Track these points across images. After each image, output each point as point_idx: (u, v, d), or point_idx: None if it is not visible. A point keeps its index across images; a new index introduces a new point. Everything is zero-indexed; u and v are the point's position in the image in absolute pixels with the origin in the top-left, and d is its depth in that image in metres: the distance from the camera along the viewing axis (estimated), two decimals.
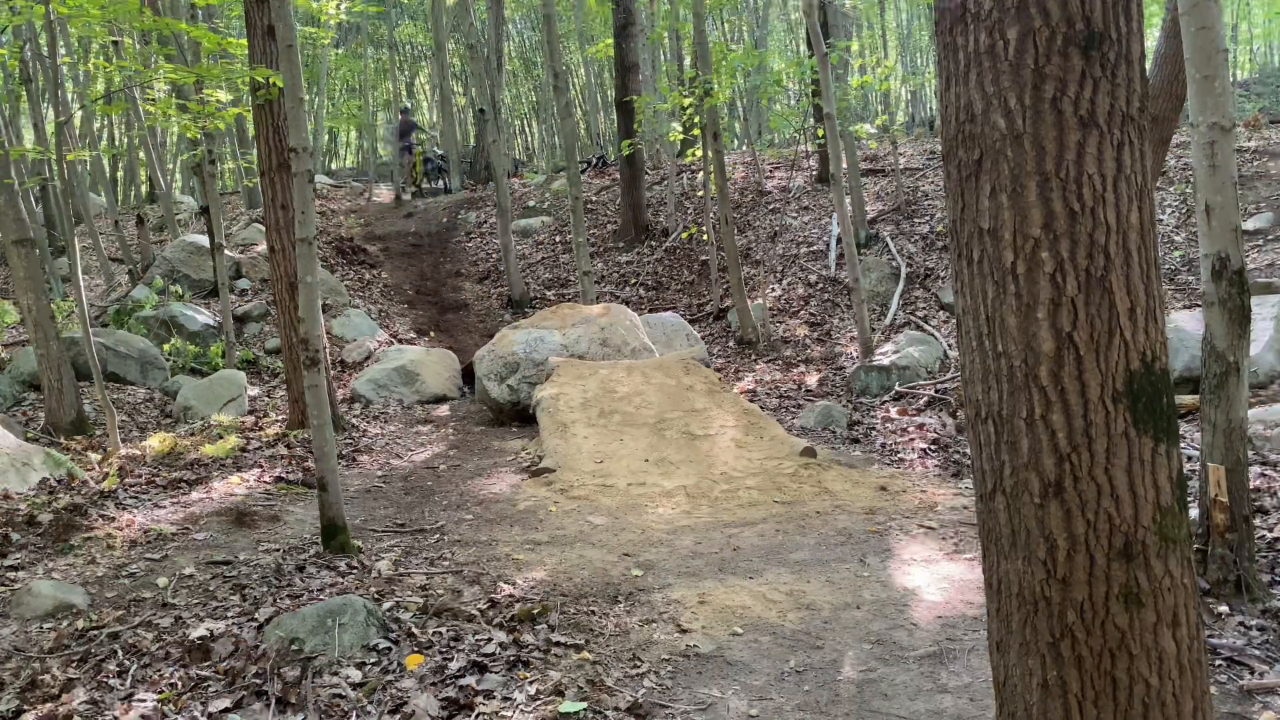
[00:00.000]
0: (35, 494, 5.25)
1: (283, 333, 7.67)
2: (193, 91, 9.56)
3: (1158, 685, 1.76)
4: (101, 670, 3.09)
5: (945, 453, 6.56)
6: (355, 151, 33.48)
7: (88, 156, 14.97)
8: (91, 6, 6.44)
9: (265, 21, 7.15)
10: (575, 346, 8.61)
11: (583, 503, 5.63)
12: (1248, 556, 3.49)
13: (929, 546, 4.66)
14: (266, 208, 7.54)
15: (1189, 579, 1.80)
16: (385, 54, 24.78)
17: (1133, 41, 1.74)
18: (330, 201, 17.97)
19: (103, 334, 9.39)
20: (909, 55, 28.07)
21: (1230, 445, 3.47)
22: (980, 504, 1.92)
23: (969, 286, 1.85)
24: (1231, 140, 3.49)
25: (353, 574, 4.16)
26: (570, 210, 11.16)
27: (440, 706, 2.87)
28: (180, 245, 12.46)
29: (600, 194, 16.62)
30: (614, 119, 17.58)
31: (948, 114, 1.86)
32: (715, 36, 19.32)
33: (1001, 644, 1.91)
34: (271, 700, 2.85)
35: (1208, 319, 3.51)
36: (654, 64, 20.23)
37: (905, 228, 12.01)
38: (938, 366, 8.88)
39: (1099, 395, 1.73)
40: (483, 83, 15.51)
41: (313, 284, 4.62)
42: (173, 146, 22.96)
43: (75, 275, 6.65)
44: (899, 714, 2.95)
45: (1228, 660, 3.10)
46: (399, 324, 12.31)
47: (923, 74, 25.10)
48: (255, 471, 6.10)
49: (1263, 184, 10.64)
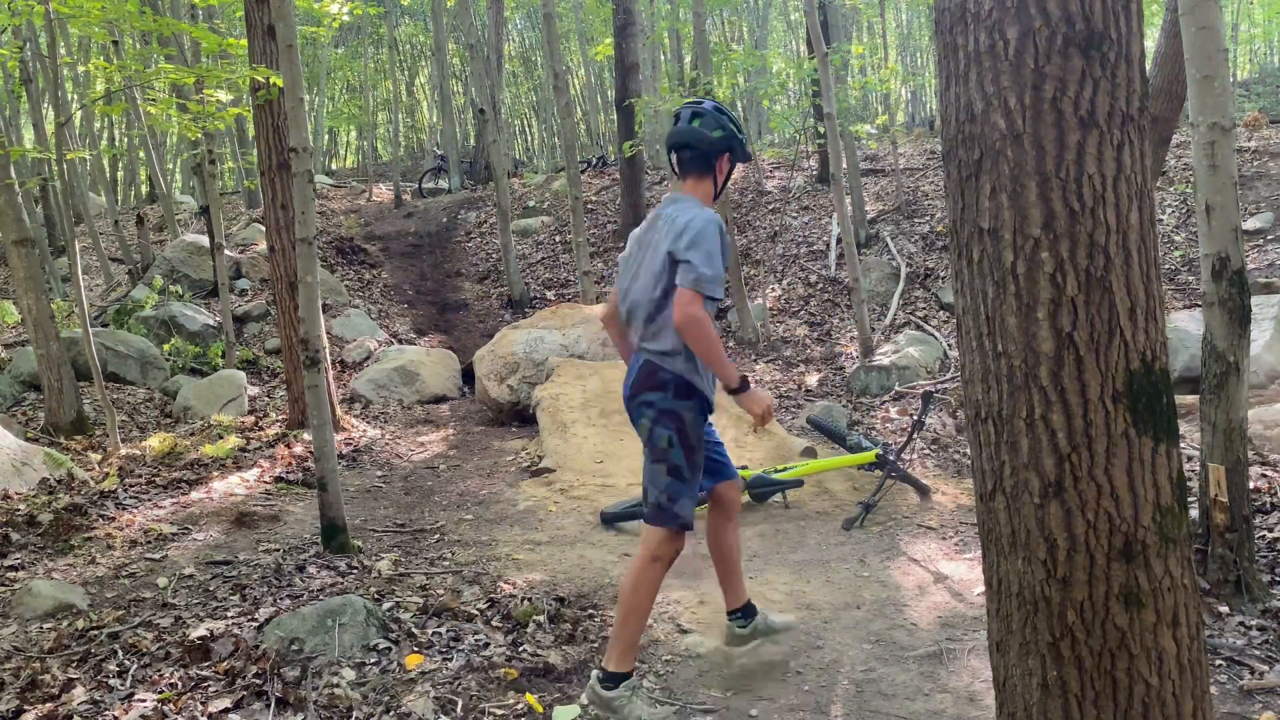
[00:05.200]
0: (35, 494, 5.25)
1: (283, 333, 7.67)
2: (193, 91, 9.56)
3: (1158, 685, 1.76)
4: (101, 670, 3.09)
5: (945, 452, 6.56)
6: (355, 151, 33.49)
7: (88, 156, 14.98)
8: (92, 6, 6.44)
9: (265, 21, 7.15)
10: (575, 346, 8.61)
11: (583, 503, 5.63)
12: (1248, 556, 3.49)
13: (929, 546, 4.66)
14: (266, 208, 7.54)
15: (1189, 579, 1.80)
16: (385, 54, 24.79)
17: (1133, 41, 1.74)
18: (330, 201, 17.98)
19: (103, 334, 9.39)
20: (909, 55, 28.07)
21: (1230, 445, 3.47)
22: (980, 504, 1.92)
23: (969, 286, 1.85)
24: (1231, 140, 3.49)
25: (353, 574, 4.16)
26: (570, 210, 11.16)
27: (438, 706, 2.87)
28: (180, 245, 12.45)
29: (600, 194, 16.63)
30: (614, 119, 17.58)
31: (948, 114, 1.87)
32: (715, 37, 19.32)
33: (1001, 644, 1.91)
34: (271, 700, 2.85)
35: (1208, 319, 3.51)
36: (654, 64, 20.24)
37: (905, 228, 12.01)
38: (938, 366, 8.87)
39: (1099, 395, 1.73)
40: (483, 83, 15.51)
41: (313, 284, 4.62)
42: (173, 146, 22.98)
43: (75, 275, 6.65)
44: (898, 714, 2.95)
45: (1228, 660, 3.10)
46: (399, 324, 12.31)
47: (923, 74, 25.11)
48: (255, 471, 6.10)
49: (1263, 184, 10.64)
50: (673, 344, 2.86)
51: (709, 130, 2.99)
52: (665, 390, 2.88)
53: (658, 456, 2.93)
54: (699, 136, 2.99)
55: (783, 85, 14.18)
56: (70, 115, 8.57)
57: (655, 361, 2.89)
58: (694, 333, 2.74)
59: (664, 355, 2.88)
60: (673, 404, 2.88)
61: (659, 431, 2.90)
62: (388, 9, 20.50)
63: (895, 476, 5.46)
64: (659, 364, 2.89)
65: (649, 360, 2.91)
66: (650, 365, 2.90)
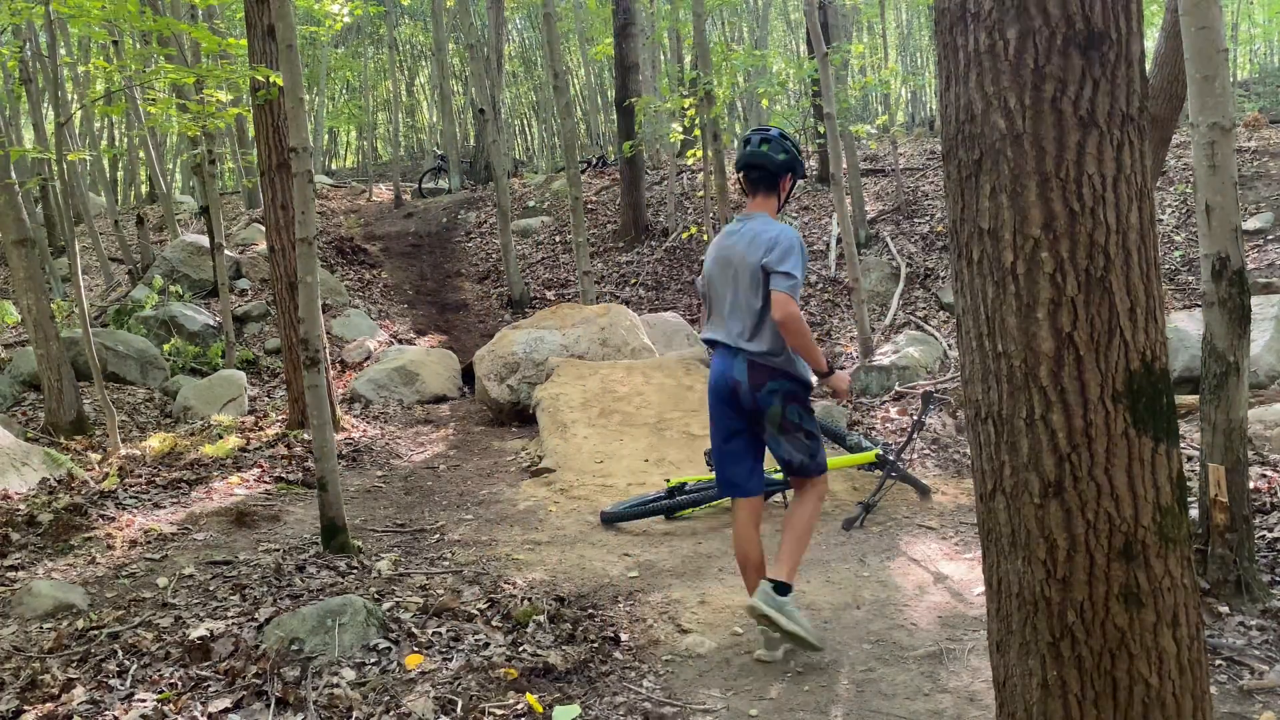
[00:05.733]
0: (35, 494, 5.25)
1: (283, 333, 7.67)
2: (193, 91, 9.56)
3: (1158, 685, 1.76)
4: (101, 670, 3.09)
5: (945, 452, 6.56)
6: (355, 151, 33.49)
7: (88, 156, 14.98)
8: (92, 6, 6.43)
9: (265, 21, 7.15)
10: (575, 346, 8.61)
11: (583, 503, 5.63)
12: (1248, 556, 3.49)
13: (929, 546, 4.66)
14: (266, 208, 7.54)
15: (1189, 579, 1.80)
16: (385, 54, 24.78)
17: (1133, 41, 1.74)
18: (330, 201, 17.98)
19: (102, 334, 9.39)
20: (909, 55, 28.07)
21: (1230, 445, 3.47)
22: (980, 504, 1.92)
23: (969, 286, 1.85)
24: (1231, 140, 3.49)
25: (353, 574, 4.16)
26: (570, 210, 11.16)
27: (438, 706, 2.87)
28: (180, 245, 12.45)
29: (600, 194, 16.63)
30: (614, 119, 17.58)
31: (948, 114, 1.86)
32: (715, 37, 19.32)
33: (1001, 644, 1.91)
34: (271, 700, 2.85)
35: (1208, 319, 3.51)
36: (654, 64, 20.23)
37: (905, 228, 12.01)
38: (938, 366, 8.87)
39: (1099, 395, 1.72)
40: (483, 83, 15.51)
41: (313, 284, 4.62)
42: (173, 146, 22.98)
43: (75, 275, 6.65)
44: (898, 714, 2.95)
45: (1228, 660, 3.10)
46: (399, 324, 12.31)
47: (923, 74, 25.12)
48: (255, 471, 6.10)
49: (1263, 184, 10.64)
50: (770, 345, 3.38)
51: (775, 154, 3.48)
52: (783, 378, 3.43)
53: (792, 429, 3.46)
54: (767, 159, 3.48)
55: (783, 85, 14.18)
56: (70, 115, 8.57)
57: (760, 361, 3.40)
58: (794, 328, 3.29)
59: (765, 355, 3.39)
60: (790, 388, 3.45)
61: (790, 409, 3.45)
62: (388, 9, 20.49)
63: (895, 476, 5.46)
64: (763, 362, 3.40)
65: (753, 361, 3.41)
66: (756, 365, 3.41)
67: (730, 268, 3.46)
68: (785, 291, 3.28)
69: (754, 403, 3.44)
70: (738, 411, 3.49)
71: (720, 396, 3.52)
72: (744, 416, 3.49)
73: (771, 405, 3.42)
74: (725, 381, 3.48)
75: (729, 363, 3.46)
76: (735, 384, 3.45)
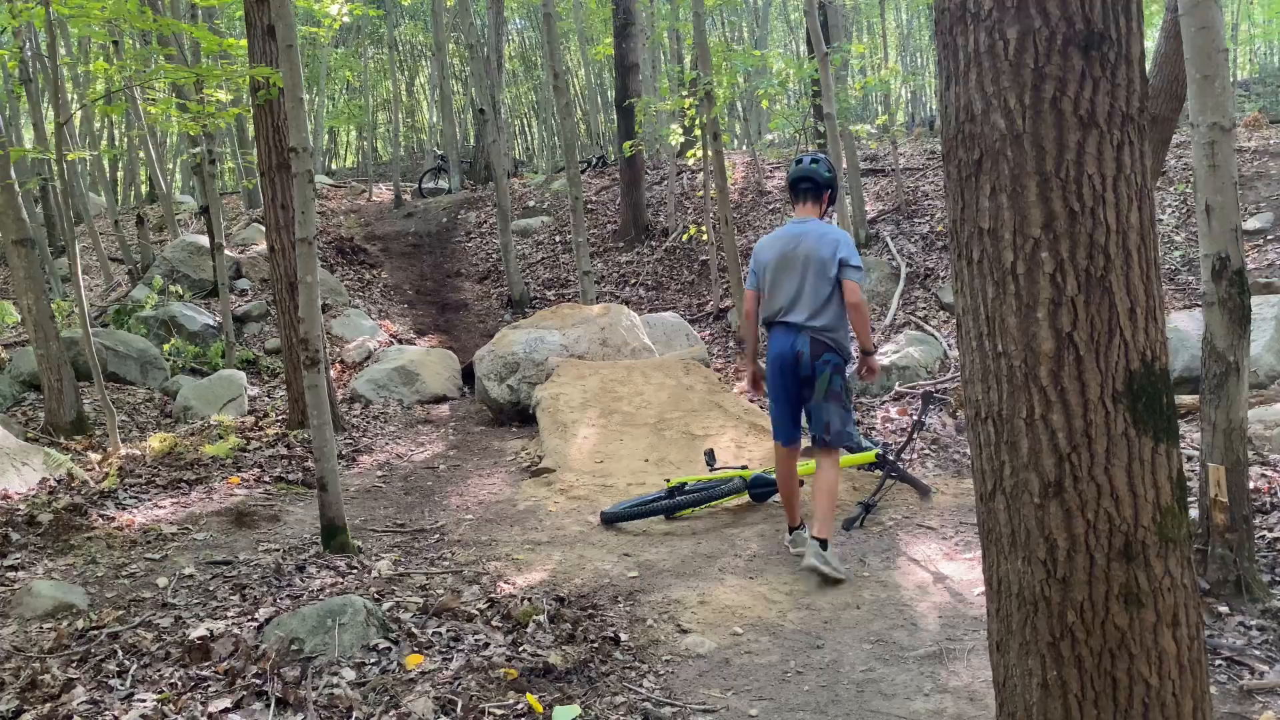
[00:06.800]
0: (35, 494, 5.25)
1: (283, 333, 7.67)
2: (193, 91, 9.56)
3: (1158, 685, 1.76)
4: (101, 670, 3.09)
5: (945, 452, 6.55)
6: (355, 151, 33.49)
7: (88, 156, 14.98)
8: (92, 6, 6.43)
9: (265, 21, 7.14)
10: (575, 346, 8.61)
11: (583, 503, 5.63)
12: (1248, 556, 3.49)
13: (929, 546, 4.66)
14: (266, 208, 7.54)
15: (1189, 579, 1.80)
16: (385, 54, 24.78)
17: (1133, 41, 1.74)
18: (330, 201, 17.97)
19: (102, 334, 9.38)
20: (909, 55, 28.07)
21: (1230, 445, 3.47)
22: (980, 504, 1.92)
23: (969, 286, 1.85)
24: (1231, 140, 3.49)
25: (353, 574, 4.16)
26: (570, 210, 11.16)
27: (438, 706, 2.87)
28: (180, 245, 12.45)
29: (600, 194, 16.63)
30: (614, 119, 17.58)
31: (948, 114, 1.87)
32: (715, 37, 19.31)
33: (1001, 644, 1.91)
34: (271, 700, 2.85)
35: (1208, 319, 3.51)
36: (654, 64, 20.23)
37: (905, 228, 12.01)
38: (938, 366, 8.87)
39: (1099, 395, 1.73)
40: (483, 82, 15.51)
41: (313, 284, 4.62)
42: (173, 146, 22.97)
43: (75, 275, 6.64)
44: (899, 714, 2.95)
45: (1228, 660, 3.10)
46: (399, 324, 12.31)
47: (923, 74, 25.12)
48: (255, 471, 6.10)
49: (1263, 184, 10.64)
50: (830, 321, 4.23)
51: (823, 171, 4.43)
52: (834, 352, 4.26)
53: (835, 397, 4.27)
54: (816, 173, 4.41)
55: (783, 85, 14.15)
56: (70, 115, 8.57)
57: (819, 336, 4.22)
58: (864, 310, 4.21)
59: (826, 331, 4.23)
60: (839, 360, 4.29)
61: (836, 379, 4.27)
62: (388, 9, 20.49)
63: (895, 476, 5.46)
64: (822, 338, 4.22)
65: (814, 336, 4.22)
66: (817, 339, 4.22)
67: (797, 259, 4.25)
68: (857, 281, 4.17)
69: (811, 370, 4.23)
70: (795, 380, 4.28)
71: (782, 367, 4.30)
72: (799, 384, 4.27)
73: (824, 373, 4.23)
74: (789, 352, 4.27)
75: (792, 338, 4.26)
76: (799, 354, 4.24)
